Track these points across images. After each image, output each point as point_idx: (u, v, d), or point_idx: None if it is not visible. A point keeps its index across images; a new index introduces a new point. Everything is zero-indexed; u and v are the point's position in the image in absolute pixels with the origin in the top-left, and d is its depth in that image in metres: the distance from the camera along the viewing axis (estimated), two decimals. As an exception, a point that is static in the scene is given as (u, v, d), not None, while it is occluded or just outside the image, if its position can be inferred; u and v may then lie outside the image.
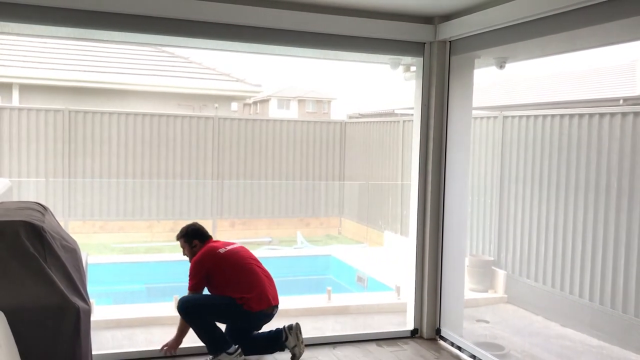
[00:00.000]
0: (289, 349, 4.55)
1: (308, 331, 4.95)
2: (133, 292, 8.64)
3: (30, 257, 2.89)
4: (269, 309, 4.49)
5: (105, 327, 5.20)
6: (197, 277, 4.52)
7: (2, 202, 3.87)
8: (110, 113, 11.91)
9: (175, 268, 9.10)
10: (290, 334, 4.53)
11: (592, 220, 3.79)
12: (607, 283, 3.70)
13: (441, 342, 5.15)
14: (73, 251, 3.32)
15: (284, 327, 4.56)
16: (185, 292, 4.61)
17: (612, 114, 3.78)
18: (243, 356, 4.43)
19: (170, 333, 5.16)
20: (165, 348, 4.54)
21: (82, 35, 4.47)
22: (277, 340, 4.56)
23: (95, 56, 14.45)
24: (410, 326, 5.36)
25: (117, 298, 8.37)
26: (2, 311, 2.69)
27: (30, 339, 2.75)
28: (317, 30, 4.76)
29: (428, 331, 5.22)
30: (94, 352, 3.30)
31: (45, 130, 11.45)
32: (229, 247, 4.67)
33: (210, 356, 4.42)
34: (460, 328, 5.03)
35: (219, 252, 4.57)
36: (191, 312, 4.43)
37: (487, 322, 4.98)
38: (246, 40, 4.68)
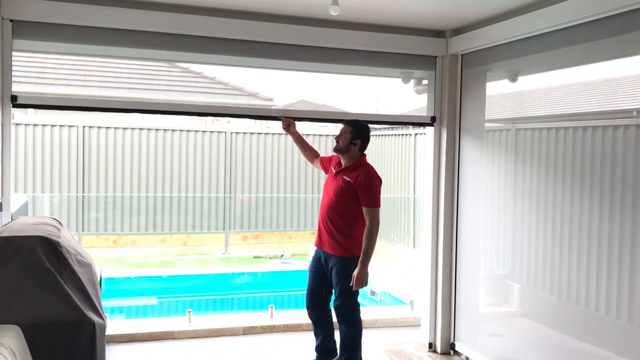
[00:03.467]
0: None
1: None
2: (145, 306, 8.67)
3: (47, 272, 2.92)
4: None
5: (119, 341, 5.21)
6: (379, 194, 4.24)
7: (18, 218, 3.91)
8: (124, 128, 12.01)
9: (188, 282, 9.14)
10: None
11: (607, 233, 3.76)
12: (624, 296, 3.66)
13: (456, 356, 5.12)
14: (88, 266, 3.34)
15: None
16: (198, 306, 4.59)
17: (627, 126, 3.76)
18: None
19: (184, 347, 5.17)
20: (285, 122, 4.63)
21: (99, 52, 4.53)
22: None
23: (109, 72, 14.60)
24: (424, 341, 5.33)
25: (130, 312, 8.40)
26: (19, 326, 2.71)
27: (47, 354, 2.77)
28: (330, 45, 4.79)
29: (442, 345, 5.19)
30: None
31: (59, 146, 11.58)
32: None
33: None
34: (475, 342, 4.99)
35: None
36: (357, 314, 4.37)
37: (501, 336, 4.94)
38: (259, 55, 4.73)
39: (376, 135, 13.41)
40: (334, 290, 4.37)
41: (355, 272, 4.14)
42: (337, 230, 4.29)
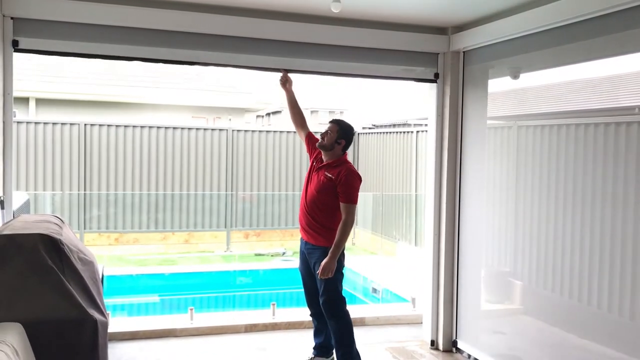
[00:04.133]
0: None
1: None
2: (147, 304, 8.68)
3: (49, 270, 2.92)
4: None
5: (121, 338, 5.21)
6: (358, 191, 4.40)
7: (20, 216, 3.91)
8: (125, 126, 12.02)
9: (190, 279, 9.15)
10: None
11: (609, 230, 3.75)
12: (626, 294, 3.65)
13: (458, 354, 5.12)
14: (90, 264, 3.35)
15: None
16: (199, 304, 4.60)
17: (629, 123, 3.75)
18: None
19: (186, 344, 5.18)
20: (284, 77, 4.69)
21: (102, 51, 4.48)
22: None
23: (110, 70, 14.60)
24: (426, 338, 5.33)
25: (132, 310, 8.41)
26: (21, 324, 2.71)
27: (49, 352, 2.77)
28: (331, 42, 4.77)
29: (444, 343, 5.19)
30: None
31: (61, 143, 11.58)
32: None
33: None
34: (477, 340, 4.99)
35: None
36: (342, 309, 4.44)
37: (503, 333, 4.94)
38: (258, 53, 4.71)
39: (377, 133, 13.40)
40: (318, 286, 4.45)
41: (324, 262, 4.28)
42: (317, 222, 4.42)
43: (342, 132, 4.45)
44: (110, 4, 4.24)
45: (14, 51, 4.14)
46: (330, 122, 4.55)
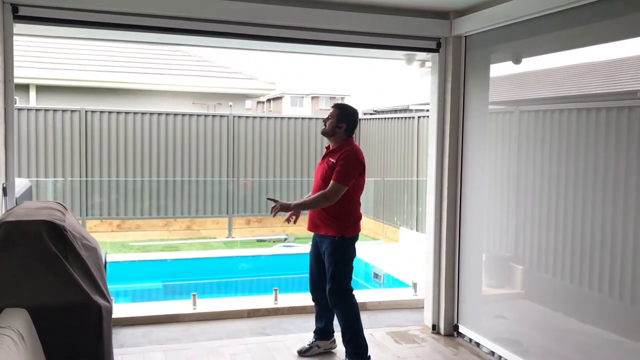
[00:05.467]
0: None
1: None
2: (150, 290, 8.72)
3: (53, 257, 2.93)
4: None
5: (125, 324, 5.25)
6: (353, 175, 4.24)
7: (23, 202, 3.92)
8: (126, 112, 12.01)
9: (192, 266, 9.18)
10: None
11: (610, 215, 3.75)
12: (627, 279, 3.67)
13: (459, 338, 5.15)
14: (93, 250, 3.36)
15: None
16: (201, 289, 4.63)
17: (631, 108, 3.74)
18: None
19: (189, 329, 5.21)
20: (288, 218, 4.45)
21: (101, 36, 4.45)
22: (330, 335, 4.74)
23: (110, 56, 14.56)
24: (428, 322, 5.36)
25: (135, 296, 8.45)
26: (27, 310, 2.73)
27: (54, 338, 2.79)
28: (332, 27, 4.75)
29: (446, 327, 5.22)
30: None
31: (62, 130, 11.57)
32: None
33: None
34: (478, 324, 5.01)
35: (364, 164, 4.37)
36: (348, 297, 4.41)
37: (504, 318, 4.96)
38: (261, 38, 4.70)
39: (379, 118, 13.37)
40: (326, 273, 4.44)
41: (286, 202, 4.25)
42: (325, 210, 4.33)
43: (342, 115, 4.35)
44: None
45: (14, 18, 4.05)
46: (332, 106, 4.50)
